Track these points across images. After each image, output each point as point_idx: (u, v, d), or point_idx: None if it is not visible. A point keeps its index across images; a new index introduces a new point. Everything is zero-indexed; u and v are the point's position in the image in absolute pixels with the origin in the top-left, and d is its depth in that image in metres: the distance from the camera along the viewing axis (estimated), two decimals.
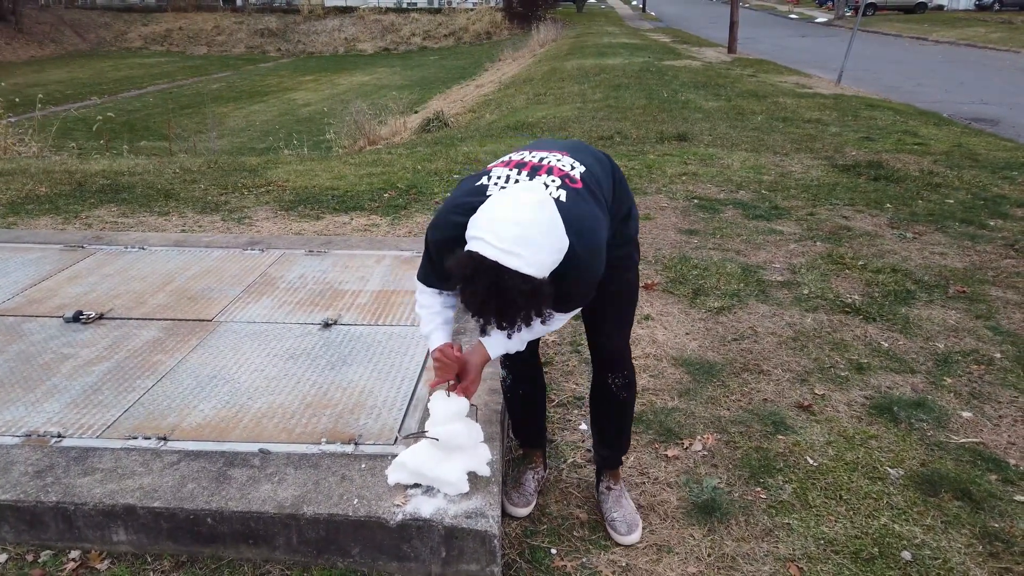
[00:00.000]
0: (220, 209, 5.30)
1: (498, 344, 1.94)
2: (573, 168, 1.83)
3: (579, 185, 1.80)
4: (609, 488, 2.32)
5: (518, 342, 1.94)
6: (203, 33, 39.46)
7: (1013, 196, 5.90)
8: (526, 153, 1.90)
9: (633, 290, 2.14)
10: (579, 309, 1.98)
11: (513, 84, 16.43)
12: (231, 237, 4.26)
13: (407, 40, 38.15)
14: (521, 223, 1.58)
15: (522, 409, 2.39)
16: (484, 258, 1.57)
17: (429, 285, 2.00)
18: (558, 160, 1.85)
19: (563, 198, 1.74)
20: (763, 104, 10.77)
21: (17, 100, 12.54)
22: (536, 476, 2.42)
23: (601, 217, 1.81)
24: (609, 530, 2.23)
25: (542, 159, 1.85)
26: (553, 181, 1.77)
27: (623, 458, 2.35)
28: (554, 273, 1.66)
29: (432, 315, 2.00)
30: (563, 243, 1.65)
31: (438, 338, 1.98)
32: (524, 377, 2.31)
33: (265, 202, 5.48)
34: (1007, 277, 4.25)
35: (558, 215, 1.66)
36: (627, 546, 2.19)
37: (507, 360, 2.28)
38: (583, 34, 28.15)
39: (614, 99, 11.35)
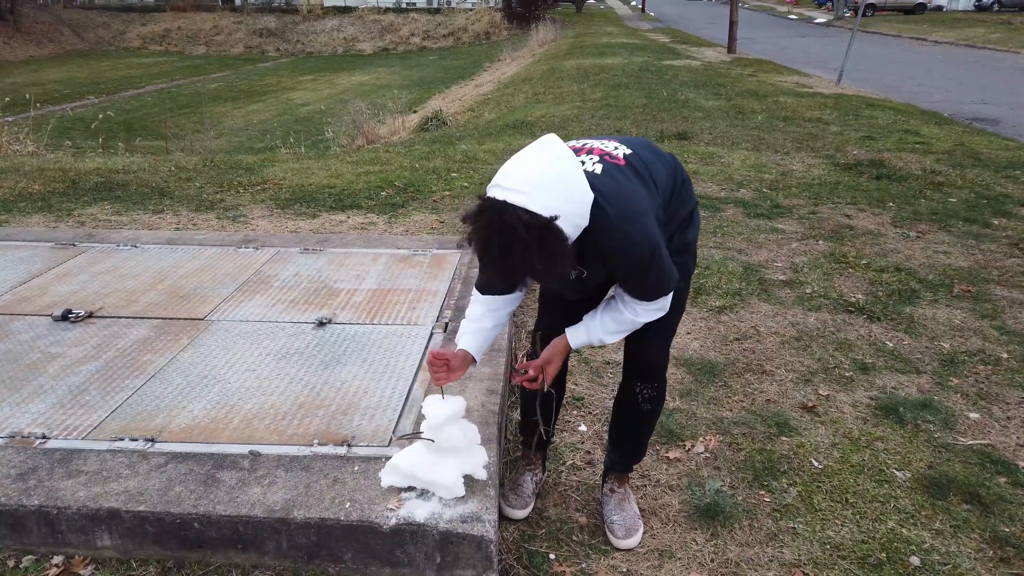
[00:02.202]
0: (215, 207, 5.23)
1: (580, 335, 1.91)
2: (617, 149, 1.80)
3: (621, 162, 1.76)
4: (613, 490, 2.26)
5: (602, 331, 1.88)
6: (202, 33, 39.38)
7: (1016, 195, 5.85)
8: (575, 141, 1.87)
9: (680, 299, 2.01)
10: (675, 307, 1.91)
11: (512, 83, 16.37)
12: (225, 235, 4.20)
13: (406, 40, 38.08)
14: (529, 167, 1.57)
15: (538, 408, 2.27)
16: (492, 198, 1.54)
17: (489, 291, 1.96)
18: (602, 143, 1.83)
19: (598, 171, 1.70)
20: (763, 103, 10.72)
21: (8, 99, 12.47)
22: (534, 478, 2.35)
23: (642, 191, 1.74)
24: (607, 532, 2.17)
25: (586, 143, 1.83)
26: (591, 158, 1.75)
27: (635, 466, 2.30)
28: (596, 246, 1.65)
29: (466, 323, 2.00)
30: (578, 194, 1.59)
31: (461, 342, 1.97)
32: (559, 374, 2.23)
33: (261, 200, 5.42)
34: (1012, 276, 4.19)
35: (578, 171, 1.62)
36: (623, 550, 2.13)
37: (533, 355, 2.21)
38: (582, 34, 28.10)
39: (614, 98, 11.30)
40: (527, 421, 2.35)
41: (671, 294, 1.85)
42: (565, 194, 1.57)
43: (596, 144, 1.82)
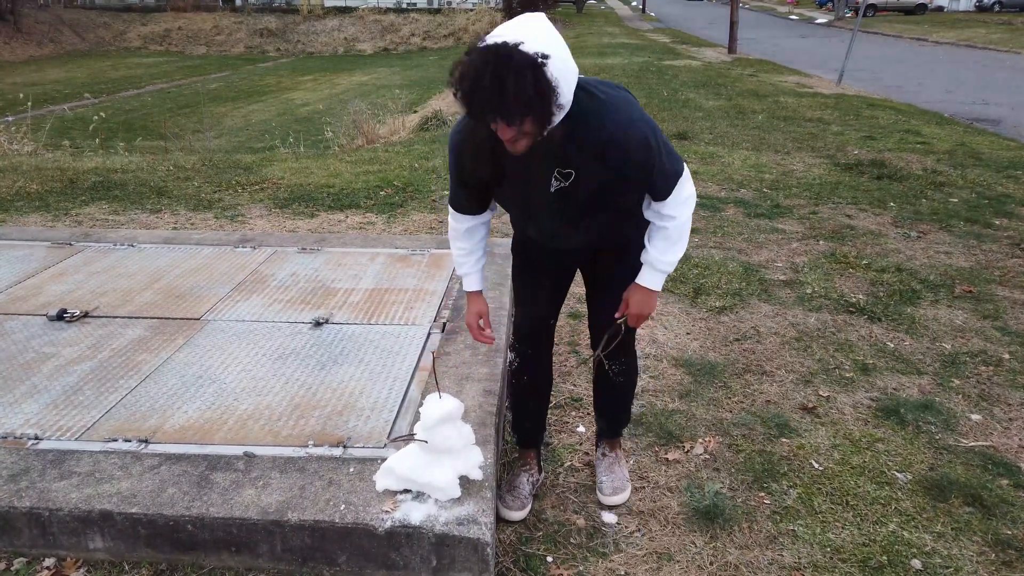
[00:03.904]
0: (213, 207, 5.21)
1: (649, 273, 1.94)
2: None
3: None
4: (604, 455, 2.40)
5: (660, 254, 1.90)
6: (202, 33, 39.36)
7: (1018, 195, 5.83)
8: None
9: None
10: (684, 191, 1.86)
11: None
12: (222, 234, 4.18)
13: (406, 40, 38.06)
14: (518, 24, 1.57)
15: (525, 398, 2.33)
16: (486, 43, 1.53)
17: (457, 207, 2.02)
18: None
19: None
20: (764, 103, 10.70)
21: (10, 97, 12.43)
22: (531, 479, 2.33)
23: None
24: (597, 492, 2.30)
25: None
26: None
27: (622, 431, 2.44)
28: (593, 137, 1.68)
29: (466, 255, 2.09)
30: (566, 56, 1.57)
31: (472, 283, 2.12)
32: (532, 362, 2.26)
33: (259, 200, 5.40)
34: (1014, 276, 4.16)
35: (561, 40, 1.58)
36: (609, 507, 2.26)
37: (517, 343, 2.25)
38: (583, 34, 28.09)
39: None
40: (518, 419, 2.38)
41: (688, 171, 1.86)
42: (551, 48, 1.52)
43: None
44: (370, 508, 1.92)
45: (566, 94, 1.56)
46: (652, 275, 1.95)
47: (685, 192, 1.85)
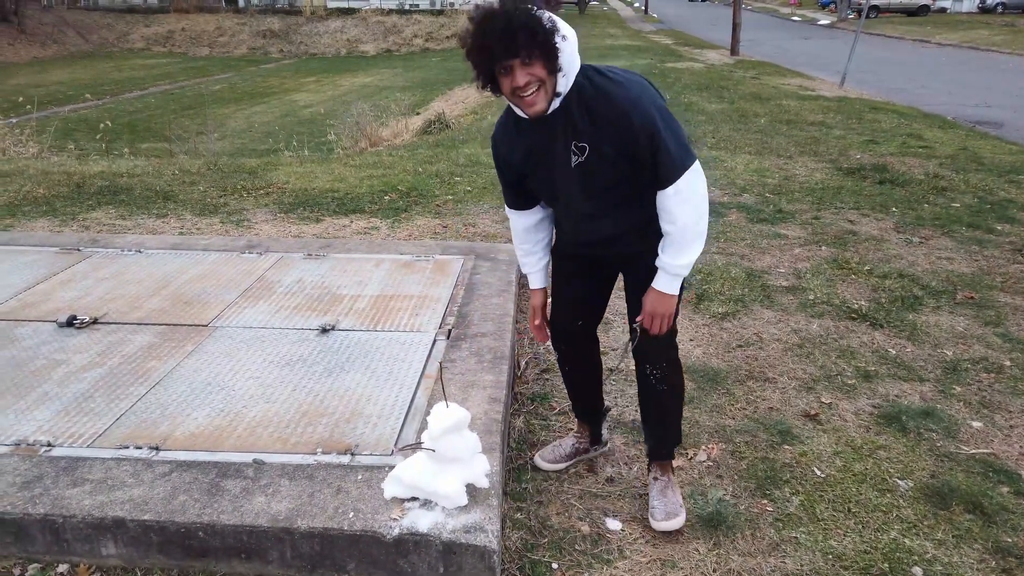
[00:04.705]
0: (219, 211, 5.25)
1: (663, 278, 1.99)
2: None
3: None
4: (656, 478, 2.33)
5: (671, 257, 1.96)
6: (205, 34, 39.44)
7: (1020, 200, 5.84)
8: None
9: None
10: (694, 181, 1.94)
11: None
12: (229, 240, 4.21)
13: (409, 41, 38.10)
14: None
15: (571, 384, 2.50)
16: None
17: (508, 202, 2.18)
18: None
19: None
20: (766, 107, 10.71)
21: (12, 99, 12.48)
22: (576, 444, 2.50)
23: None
24: (649, 517, 2.25)
25: None
26: None
27: (673, 451, 2.36)
28: (601, 109, 1.81)
29: (526, 255, 2.22)
30: (573, 35, 1.79)
31: (533, 281, 2.24)
32: (569, 357, 2.40)
33: (264, 204, 5.43)
34: (1016, 283, 4.18)
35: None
36: (661, 532, 2.21)
37: (552, 339, 2.35)
38: (585, 36, 28.10)
39: None
40: (571, 397, 2.54)
41: (700, 166, 1.91)
42: (562, 26, 1.75)
43: None
44: (378, 516, 1.95)
45: (569, 42, 1.76)
46: (665, 278, 2.00)
47: (691, 188, 1.88)
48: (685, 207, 1.89)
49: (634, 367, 2.27)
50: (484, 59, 1.74)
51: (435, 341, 2.95)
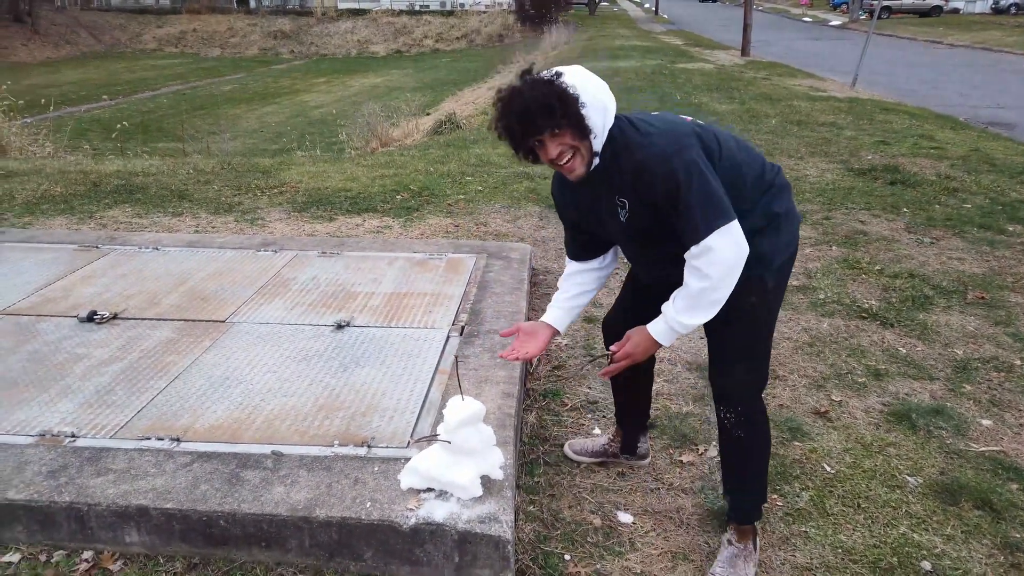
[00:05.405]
0: (233, 210, 5.31)
1: (659, 324, 1.88)
2: None
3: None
4: (730, 542, 2.09)
5: (674, 311, 1.83)
6: (217, 35, 39.71)
7: None
8: None
9: (753, 319, 1.95)
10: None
11: None
12: (244, 238, 4.27)
13: (419, 42, 38.24)
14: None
15: (613, 387, 2.50)
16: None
17: (567, 250, 2.18)
18: None
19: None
20: (777, 107, 10.71)
21: (27, 99, 12.61)
22: (608, 446, 2.53)
23: (676, 119, 1.88)
24: None
25: None
26: None
27: (753, 516, 2.09)
28: (628, 164, 1.77)
29: (558, 293, 2.16)
30: (601, 92, 1.78)
31: (547, 315, 2.14)
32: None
33: (278, 203, 5.49)
34: None
35: (601, 82, 1.80)
36: None
37: (607, 340, 2.29)
38: (595, 37, 28.12)
39: (626, 102, 11.31)
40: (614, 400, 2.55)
41: (736, 230, 1.72)
42: (585, 87, 1.75)
43: None
44: (395, 506, 1.99)
45: (592, 106, 1.73)
46: (663, 328, 1.88)
47: (716, 251, 1.72)
48: (707, 270, 1.74)
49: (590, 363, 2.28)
50: (513, 139, 1.74)
51: (448, 337, 2.99)
